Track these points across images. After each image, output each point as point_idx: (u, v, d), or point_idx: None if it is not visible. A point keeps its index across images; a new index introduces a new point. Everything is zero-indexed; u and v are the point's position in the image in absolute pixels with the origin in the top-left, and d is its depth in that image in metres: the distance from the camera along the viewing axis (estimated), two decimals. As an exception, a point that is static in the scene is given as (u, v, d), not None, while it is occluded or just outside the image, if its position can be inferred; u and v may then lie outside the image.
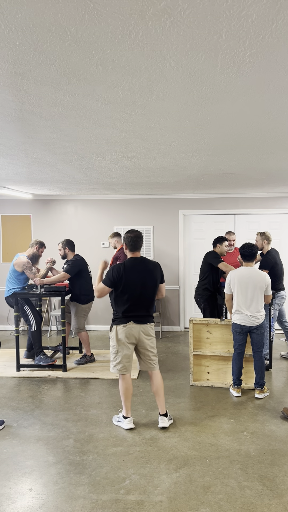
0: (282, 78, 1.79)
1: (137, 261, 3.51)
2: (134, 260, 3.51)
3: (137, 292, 3.45)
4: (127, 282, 3.42)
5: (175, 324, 7.13)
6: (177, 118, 2.41)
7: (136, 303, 3.46)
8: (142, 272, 3.47)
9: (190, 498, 2.61)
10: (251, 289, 4.09)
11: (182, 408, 3.95)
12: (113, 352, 3.52)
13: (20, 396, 4.26)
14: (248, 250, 4.15)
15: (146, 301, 3.50)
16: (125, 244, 3.56)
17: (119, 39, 1.43)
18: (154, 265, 3.57)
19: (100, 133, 2.75)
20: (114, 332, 3.49)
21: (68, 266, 5.18)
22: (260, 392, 4.17)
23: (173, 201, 7.02)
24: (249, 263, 4.20)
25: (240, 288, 4.13)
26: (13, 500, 2.61)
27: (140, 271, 3.47)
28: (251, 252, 4.15)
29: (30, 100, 2.07)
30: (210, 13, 1.26)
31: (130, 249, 3.54)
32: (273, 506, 2.53)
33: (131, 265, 3.47)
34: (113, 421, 3.65)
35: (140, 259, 3.53)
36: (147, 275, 3.48)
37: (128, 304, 3.44)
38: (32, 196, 6.82)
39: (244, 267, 4.20)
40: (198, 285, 5.41)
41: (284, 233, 6.95)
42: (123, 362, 3.48)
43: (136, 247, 3.53)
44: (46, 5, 1.22)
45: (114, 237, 5.87)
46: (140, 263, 3.50)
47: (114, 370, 3.53)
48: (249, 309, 4.09)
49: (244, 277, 4.13)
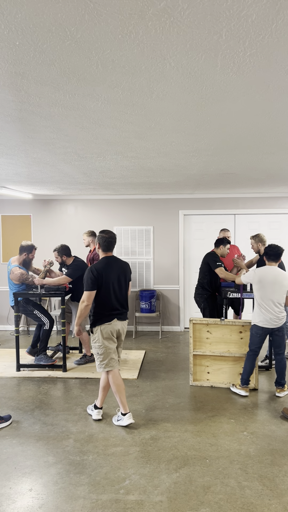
0: (282, 78, 1.79)
1: (112, 259, 3.63)
2: (108, 258, 3.62)
3: (115, 290, 3.58)
4: (106, 280, 3.53)
5: (175, 324, 7.13)
6: (177, 118, 2.41)
7: (116, 301, 3.59)
8: (117, 270, 3.61)
9: (190, 498, 2.61)
10: (276, 290, 4.06)
11: (182, 408, 3.95)
12: (100, 352, 3.54)
13: (20, 396, 4.26)
14: (275, 249, 4.14)
15: (123, 298, 3.65)
16: (99, 243, 3.64)
17: (119, 39, 1.43)
18: (126, 264, 3.74)
19: (100, 133, 2.74)
20: (99, 332, 3.53)
21: (70, 270, 5.18)
22: (281, 391, 4.21)
23: (173, 201, 7.02)
24: (273, 263, 4.17)
25: (265, 287, 4.08)
26: (13, 500, 2.61)
27: (115, 269, 3.60)
28: (276, 252, 4.14)
29: (30, 100, 2.07)
30: (210, 13, 1.26)
31: (103, 249, 3.64)
32: (273, 506, 2.53)
33: (107, 263, 3.58)
34: (113, 422, 3.65)
35: (114, 258, 3.66)
36: (121, 273, 3.64)
37: (110, 302, 3.55)
38: (32, 196, 6.81)
39: (268, 266, 4.16)
40: (198, 285, 5.41)
41: (284, 233, 6.95)
42: (113, 357, 3.55)
43: (110, 248, 3.64)
44: (46, 5, 1.22)
45: (91, 236, 5.81)
46: (115, 262, 3.64)
47: (102, 369, 3.55)
48: (272, 310, 4.07)
49: (269, 276, 4.09)
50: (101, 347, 3.53)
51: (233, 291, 5.14)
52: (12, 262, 5.19)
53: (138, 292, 6.96)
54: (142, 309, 6.70)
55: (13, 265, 5.14)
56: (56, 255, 5.26)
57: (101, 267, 3.53)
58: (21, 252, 5.22)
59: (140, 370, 5.06)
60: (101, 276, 3.50)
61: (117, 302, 3.59)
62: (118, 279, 3.60)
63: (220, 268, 5.11)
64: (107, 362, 3.53)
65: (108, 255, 3.65)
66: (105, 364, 3.53)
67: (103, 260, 3.61)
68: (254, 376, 4.42)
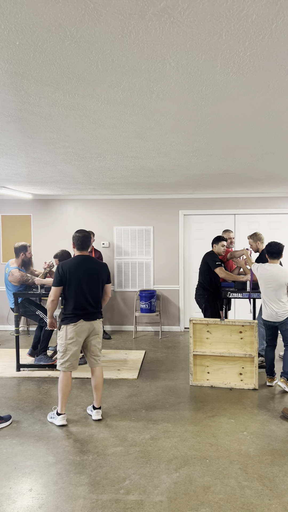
0: (282, 78, 1.79)
1: (83, 258, 3.63)
2: (79, 257, 3.63)
3: (84, 290, 3.57)
4: (73, 279, 3.54)
5: (175, 324, 7.13)
6: (177, 118, 2.41)
7: (84, 301, 3.57)
8: (87, 270, 3.59)
9: (190, 498, 2.61)
10: (274, 286, 4.19)
11: (182, 408, 3.95)
12: (61, 350, 3.58)
13: (20, 396, 4.26)
14: (276, 247, 4.26)
15: (93, 298, 3.62)
16: (73, 243, 3.70)
17: (119, 39, 1.43)
18: (101, 265, 3.71)
19: (100, 133, 2.74)
20: (64, 331, 3.56)
21: None
22: (284, 382, 4.25)
23: (173, 201, 7.02)
24: (275, 260, 4.30)
25: (264, 284, 4.25)
26: (13, 500, 2.61)
27: (86, 269, 3.59)
28: (278, 249, 4.25)
29: (30, 100, 2.07)
30: (210, 13, 1.26)
31: (77, 248, 3.68)
32: (273, 506, 2.53)
33: (77, 262, 3.59)
34: (47, 418, 3.71)
35: (85, 257, 3.66)
36: (93, 273, 3.61)
37: (77, 301, 3.55)
38: (32, 196, 6.81)
39: (269, 263, 4.31)
40: (198, 285, 5.41)
41: (284, 233, 6.95)
42: (70, 360, 3.56)
43: (84, 247, 3.68)
44: (46, 5, 1.22)
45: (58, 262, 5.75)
46: (85, 260, 3.62)
47: (61, 368, 3.59)
48: (273, 305, 4.21)
49: (269, 272, 4.23)
50: (62, 345, 3.57)
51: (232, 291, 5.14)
52: (11, 264, 5.19)
53: (138, 292, 6.95)
54: (142, 309, 6.70)
55: (12, 267, 5.13)
56: (57, 262, 5.26)
57: (68, 265, 3.56)
58: (17, 253, 5.23)
59: (140, 370, 5.06)
60: (66, 273, 3.53)
61: (86, 302, 3.57)
62: (89, 279, 3.58)
63: (219, 267, 5.11)
64: (64, 362, 3.56)
65: (83, 254, 3.67)
66: (61, 363, 3.57)
67: (74, 258, 3.64)
68: (254, 376, 4.43)
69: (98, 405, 3.72)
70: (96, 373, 3.70)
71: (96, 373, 3.70)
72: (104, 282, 3.73)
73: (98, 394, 3.70)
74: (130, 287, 7.11)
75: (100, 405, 3.73)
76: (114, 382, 4.63)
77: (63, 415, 3.60)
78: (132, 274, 7.10)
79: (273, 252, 4.25)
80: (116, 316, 7.06)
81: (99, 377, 3.70)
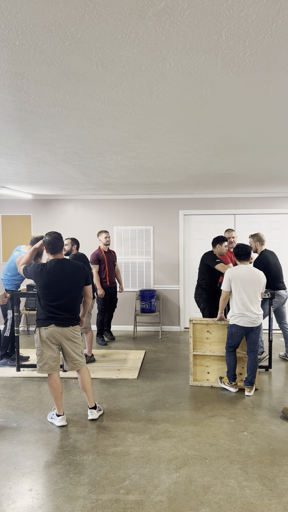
0: (282, 78, 1.79)
1: (56, 262, 3.52)
2: (52, 261, 3.53)
3: (56, 295, 3.47)
4: (44, 283, 3.46)
5: (175, 324, 7.13)
6: (177, 118, 2.41)
7: (56, 306, 3.49)
8: (60, 274, 3.48)
9: (190, 498, 2.61)
10: (252, 288, 4.14)
11: (182, 408, 3.95)
12: (38, 353, 3.56)
13: (20, 396, 4.26)
14: (243, 250, 4.30)
15: (67, 303, 3.51)
16: (45, 247, 3.58)
17: (119, 39, 1.43)
18: (77, 267, 3.57)
19: (100, 133, 2.74)
20: (38, 334, 3.54)
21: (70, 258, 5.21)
22: (251, 390, 4.23)
23: (173, 201, 7.02)
24: (245, 261, 4.32)
25: (242, 287, 4.16)
26: (13, 500, 2.61)
27: (58, 273, 3.48)
28: (246, 251, 4.30)
29: (30, 100, 2.07)
30: (210, 13, 1.26)
31: (50, 252, 3.56)
32: (273, 506, 2.53)
33: (49, 266, 3.50)
34: (47, 418, 3.72)
35: (59, 261, 3.54)
36: (67, 277, 3.50)
37: (49, 306, 3.48)
38: (32, 196, 6.81)
39: (243, 265, 4.28)
40: (197, 285, 5.41)
41: (284, 233, 6.95)
42: (48, 362, 3.53)
43: (56, 249, 3.55)
44: (46, 5, 1.22)
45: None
46: (58, 265, 3.51)
47: (40, 371, 3.55)
48: (252, 308, 4.12)
49: (245, 275, 4.18)
50: (38, 348, 3.55)
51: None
52: (22, 249, 5.20)
53: (138, 292, 6.95)
54: (142, 309, 6.70)
55: (24, 251, 5.14)
56: (68, 242, 5.29)
57: (40, 269, 3.49)
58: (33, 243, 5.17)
59: (140, 370, 5.06)
60: (35, 276, 3.50)
61: (58, 308, 3.48)
62: (61, 284, 3.47)
63: (220, 264, 5.10)
64: (42, 365, 3.53)
65: (57, 257, 3.56)
66: (40, 366, 3.55)
67: (48, 263, 3.54)
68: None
69: (91, 405, 3.71)
70: (80, 375, 3.67)
71: (80, 375, 3.67)
72: (82, 285, 3.63)
73: (87, 394, 3.68)
74: (130, 287, 7.11)
75: (94, 405, 3.72)
76: (114, 382, 4.63)
77: (62, 416, 3.60)
78: (132, 274, 7.10)
79: (241, 254, 4.30)
80: (116, 316, 7.05)
81: (83, 378, 3.66)
